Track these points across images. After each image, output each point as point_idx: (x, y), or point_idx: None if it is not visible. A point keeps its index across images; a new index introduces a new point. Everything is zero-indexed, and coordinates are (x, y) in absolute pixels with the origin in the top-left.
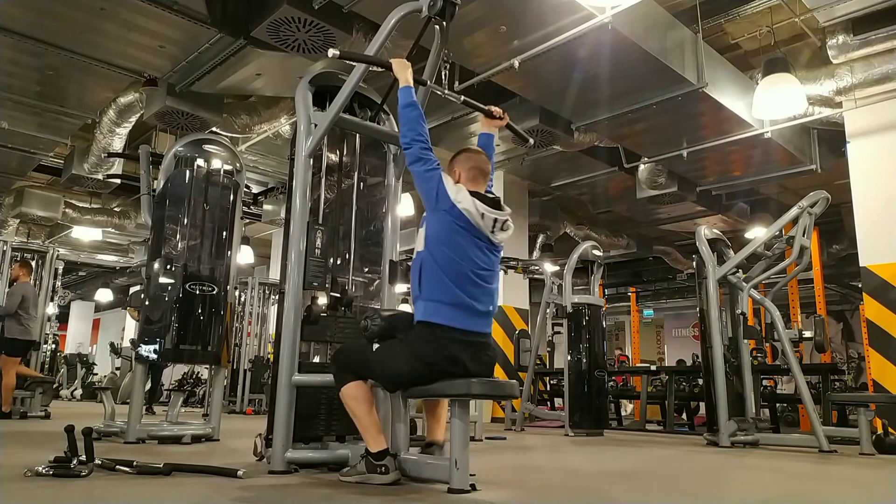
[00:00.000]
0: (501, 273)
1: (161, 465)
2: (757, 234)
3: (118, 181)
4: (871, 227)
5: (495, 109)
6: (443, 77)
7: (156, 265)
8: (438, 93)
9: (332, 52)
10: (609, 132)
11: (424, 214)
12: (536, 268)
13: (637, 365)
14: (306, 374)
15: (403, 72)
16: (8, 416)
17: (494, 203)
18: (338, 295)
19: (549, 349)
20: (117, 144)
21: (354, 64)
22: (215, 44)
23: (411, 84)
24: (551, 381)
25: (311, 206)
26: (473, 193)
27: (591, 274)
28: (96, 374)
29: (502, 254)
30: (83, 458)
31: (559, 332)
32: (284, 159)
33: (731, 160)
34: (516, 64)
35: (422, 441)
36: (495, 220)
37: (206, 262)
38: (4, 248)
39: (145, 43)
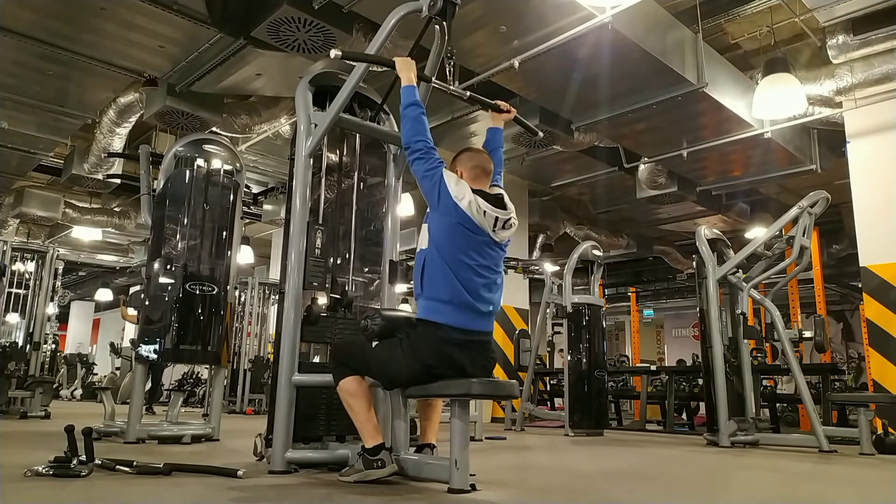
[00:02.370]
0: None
1: (161, 465)
2: (757, 234)
3: (118, 181)
4: (871, 227)
5: (502, 104)
6: (448, 74)
7: (156, 265)
8: (443, 89)
9: (334, 52)
10: (609, 132)
11: (428, 212)
12: (536, 268)
13: (637, 365)
14: (306, 374)
15: (407, 71)
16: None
17: (497, 201)
18: (338, 296)
19: (549, 349)
20: (117, 144)
21: (355, 64)
22: (215, 44)
23: (415, 84)
24: (551, 381)
25: (311, 206)
26: (476, 191)
27: (591, 274)
28: (96, 374)
29: (507, 250)
30: (83, 458)
31: (559, 332)
32: (284, 159)
33: (731, 160)
34: (516, 64)
35: (417, 441)
36: (496, 219)
37: (206, 262)
38: (4, 248)
39: (145, 43)
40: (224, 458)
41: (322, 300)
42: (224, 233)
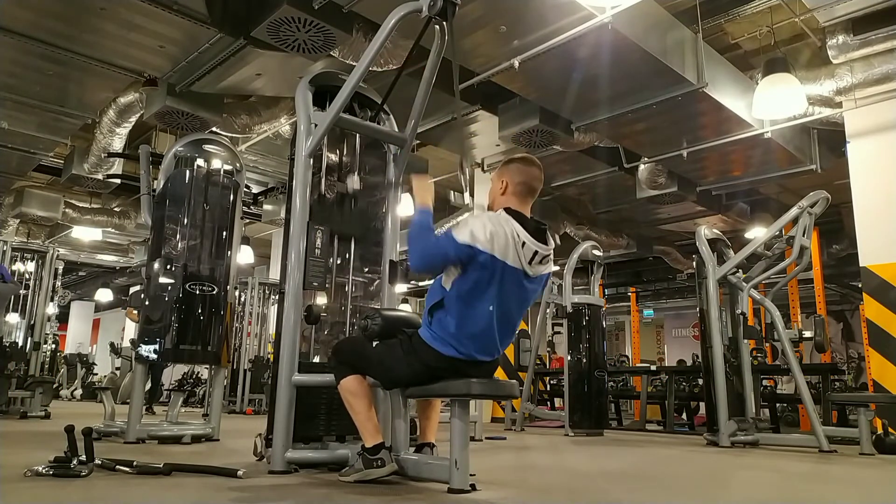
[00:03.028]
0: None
1: (161, 465)
2: (757, 234)
3: (118, 181)
4: (871, 227)
5: None
6: (456, 91)
7: (156, 265)
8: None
9: (350, 185)
10: (609, 132)
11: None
12: None
13: (637, 365)
14: (306, 374)
15: (423, 194)
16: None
17: (539, 233)
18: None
19: (549, 349)
20: (117, 144)
21: (353, 64)
22: (215, 44)
23: (429, 207)
24: (551, 381)
25: (311, 205)
26: (517, 215)
27: (591, 274)
28: (96, 374)
29: (541, 290)
30: (83, 458)
31: (559, 332)
32: (284, 159)
33: (731, 160)
34: (516, 64)
35: (416, 441)
36: (535, 253)
37: (206, 262)
38: (4, 248)
39: (145, 43)
40: (224, 458)
41: (322, 300)
42: (224, 233)
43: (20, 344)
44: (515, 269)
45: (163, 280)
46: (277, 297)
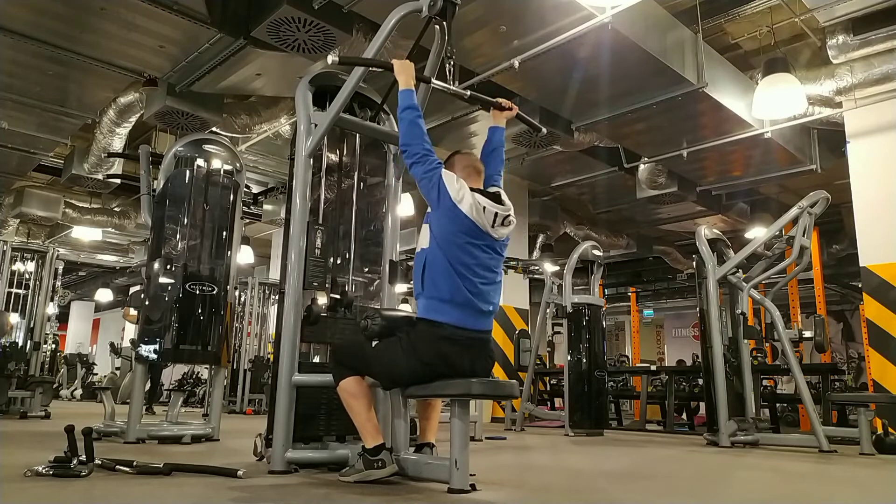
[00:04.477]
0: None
1: (161, 465)
2: (757, 234)
3: (118, 181)
4: (871, 227)
5: (504, 101)
6: (448, 73)
7: (156, 265)
8: (443, 89)
9: (331, 58)
10: (609, 132)
11: (428, 211)
12: (536, 268)
13: (637, 365)
14: (306, 374)
15: (405, 74)
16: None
17: (495, 197)
18: (338, 296)
19: (549, 349)
20: (117, 144)
21: None
22: (215, 44)
23: (413, 87)
24: (551, 381)
25: (311, 206)
26: (473, 190)
27: (591, 274)
28: (96, 374)
29: (506, 251)
30: (83, 458)
31: (559, 332)
32: (284, 159)
33: (731, 160)
34: (516, 64)
35: (416, 441)
36: (496, 215)
37: (206, 262)
38: (4, 248)
39: (145, 43)
40: (224, 458)
41: (322, 300)
42: (224, 233)
43: (20, 344)
44: (483, 230)
45: (163, 280)
46: (277, 297)
